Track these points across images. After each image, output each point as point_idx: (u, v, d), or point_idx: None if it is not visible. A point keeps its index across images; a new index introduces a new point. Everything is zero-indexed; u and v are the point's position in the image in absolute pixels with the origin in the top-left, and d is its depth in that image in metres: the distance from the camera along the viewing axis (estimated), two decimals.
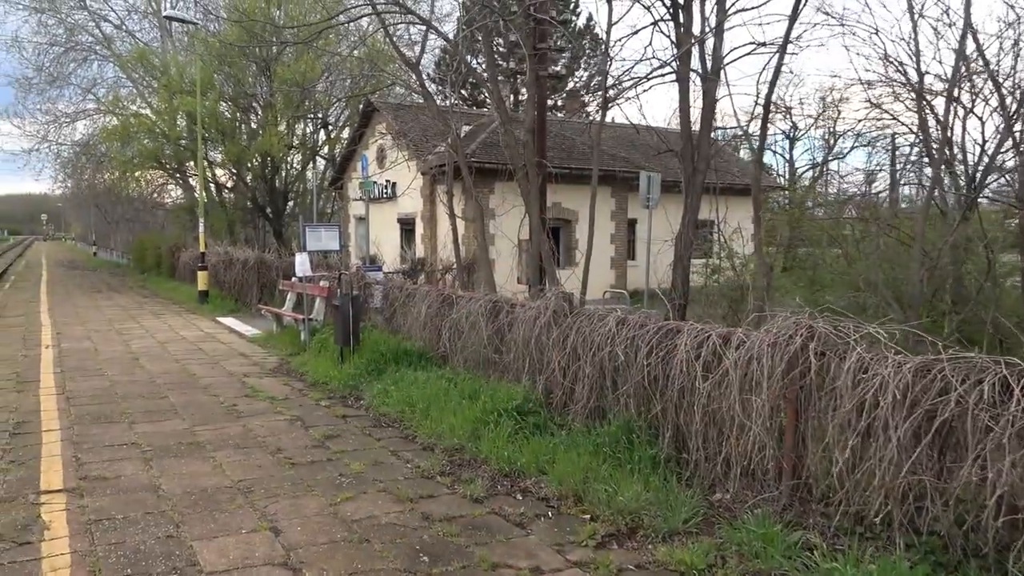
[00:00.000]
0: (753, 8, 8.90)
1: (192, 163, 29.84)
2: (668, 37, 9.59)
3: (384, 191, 22.00)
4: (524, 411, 6.31)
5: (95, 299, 20.28)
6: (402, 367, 8.33)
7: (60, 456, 5.88)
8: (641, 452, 5.15)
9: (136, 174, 32.19)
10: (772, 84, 9.20)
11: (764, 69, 13.36)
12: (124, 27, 31.56)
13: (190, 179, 31.95)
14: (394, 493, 5.09)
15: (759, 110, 9.59)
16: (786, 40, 8.69)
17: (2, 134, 41.14)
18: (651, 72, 9.58)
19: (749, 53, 9.18)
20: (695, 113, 9.68)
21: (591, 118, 19.53)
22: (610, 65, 11.09)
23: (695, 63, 9.37)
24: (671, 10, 9.26)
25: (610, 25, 10.14)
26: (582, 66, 36.50)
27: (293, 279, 12.95)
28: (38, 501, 4.90)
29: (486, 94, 23.29)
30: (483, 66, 31.36)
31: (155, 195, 37.60)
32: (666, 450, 5.14)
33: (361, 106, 23.89)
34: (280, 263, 16.63)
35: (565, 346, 6.18)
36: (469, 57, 34.83)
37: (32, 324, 14.59)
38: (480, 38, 11.30)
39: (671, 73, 9.49)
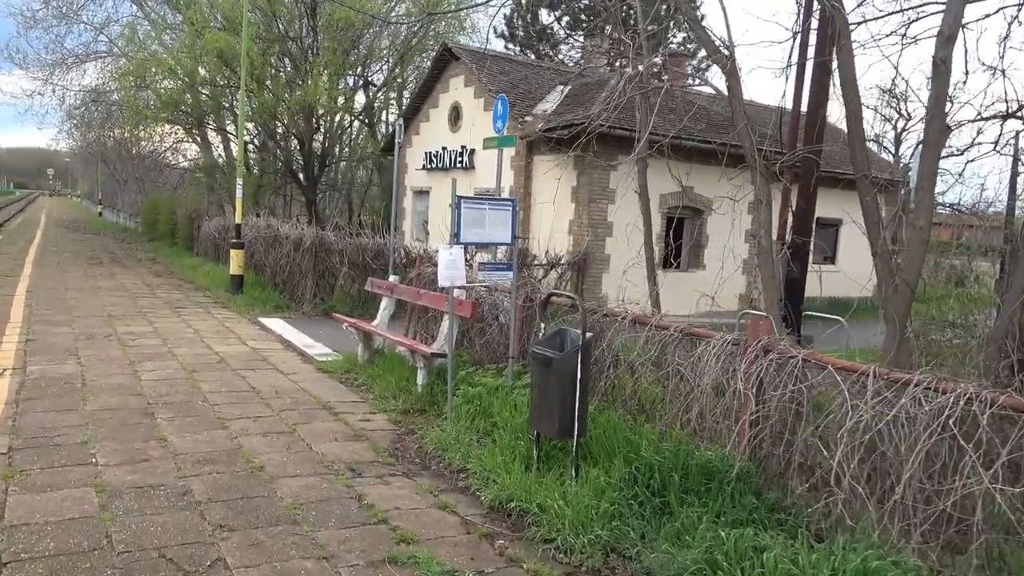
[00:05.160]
0: None
1: (212, 117, 25.49)
2: None
3: (458, 159, 17.58)
4: None
5: (93, 275, 15.87)
6: (710, 503, 3.97)
7: None
8: None
9: (150, 128, 28.00)
10: None
11: None
12: None
13: (209, 135, 27.62)
14: None
15: None
16: None
17: (2, 73, 35.12)
18: None
19: None
20: None
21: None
22: None
23: None
24: None
25: None
26: None
27: (392, 278, 8.57)
28: None
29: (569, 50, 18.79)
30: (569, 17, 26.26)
31: (168, 153, 33.28)
32: None
33: (435, 53, 19.40)
34: (345, 246, 12.25)
35: None
36: (544, 10, 30.24)
37: None
38: None
39: None
